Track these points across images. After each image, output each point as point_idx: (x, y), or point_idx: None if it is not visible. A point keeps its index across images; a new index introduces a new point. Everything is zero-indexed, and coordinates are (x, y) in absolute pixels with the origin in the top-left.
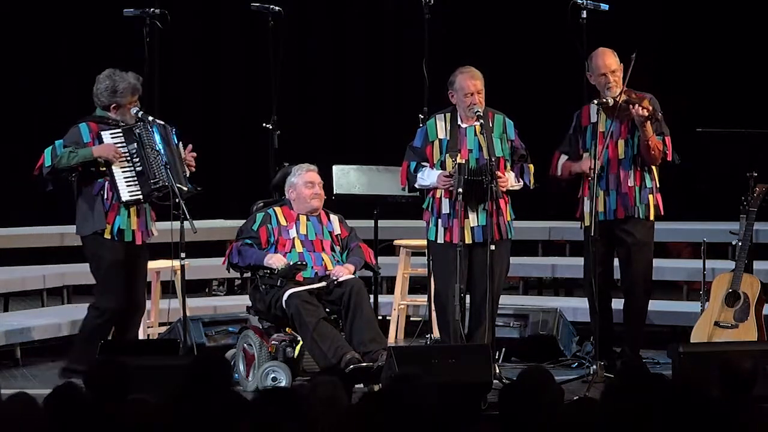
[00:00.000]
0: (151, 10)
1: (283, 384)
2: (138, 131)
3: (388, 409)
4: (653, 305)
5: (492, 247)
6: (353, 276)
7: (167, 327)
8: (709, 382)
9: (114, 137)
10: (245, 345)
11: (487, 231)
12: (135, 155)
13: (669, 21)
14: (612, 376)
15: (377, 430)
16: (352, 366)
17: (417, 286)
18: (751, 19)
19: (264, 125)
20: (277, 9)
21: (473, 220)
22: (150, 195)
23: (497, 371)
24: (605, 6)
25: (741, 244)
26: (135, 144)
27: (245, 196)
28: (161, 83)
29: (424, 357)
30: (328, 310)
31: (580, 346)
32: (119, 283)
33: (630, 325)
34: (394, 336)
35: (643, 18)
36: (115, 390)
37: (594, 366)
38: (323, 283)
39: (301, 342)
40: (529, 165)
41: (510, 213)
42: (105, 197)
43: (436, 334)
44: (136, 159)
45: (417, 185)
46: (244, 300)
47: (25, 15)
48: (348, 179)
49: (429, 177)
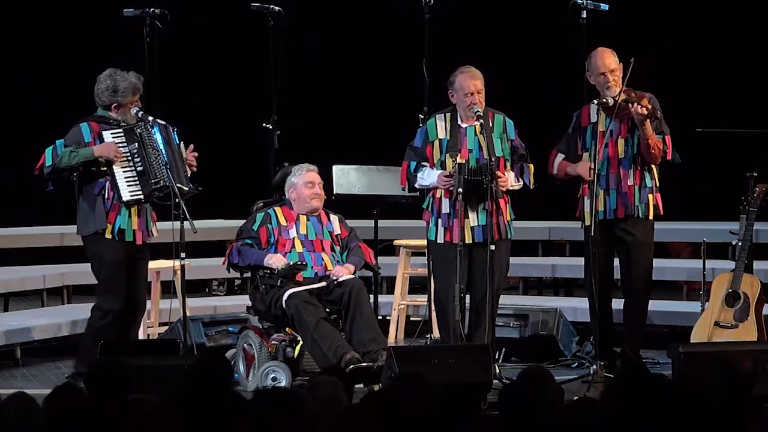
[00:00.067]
0: (151, 10)
1: (283, 384)
2: (139, 131)
3: (388, 410)
4: (653, 305)
5: (492, 247)
6: (353, 276)
7: (167, 327)
8: (709, 382)
9: (115, 137)
10: (245, 345)
11: (487, 231)
12: (136, 155)
13: (669, 21)
14: (612, 376)
15: (377, 430)
16: (352, 366)
17: (417, 286)
18: (751, 19)
19: (264, 125)
20: (277, 9)
21: (473, 219)
22: (151, 195)
23: (497, 371)
24: (605, 6)
25: (741, 244)
26: (136, 144)
27: (245, 196)
28: (161, 83)
29: (424, 357)
30: (328, 310)
31: (580, 346)
32: (121, 283)
33: (630, 325)
34: (394, 336)
35: (643, 18)
36: (116, 390)
37: (594, 366)
38: (323, 283)
39: (301, 342)
40: (529, 165)
41: (510, 213)
42: (106, 197)
43: (436, 334)
44: (137, 159)
45: (417, 185)
46: (244, 300)
47: (25, 15)
48: (348, 179)
49: (429, 177)
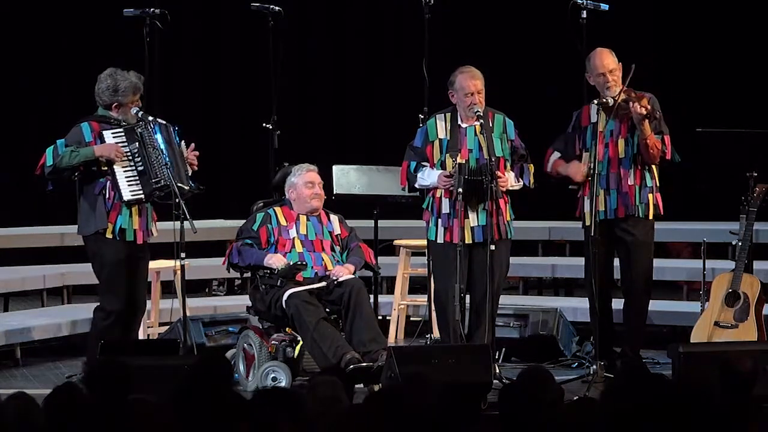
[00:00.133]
0: (151, 10)
1: (283, 384)
2: (140, 130)
3: (388, 410)
4: (653, 305)
5: (492, 247)
6: (353, 276)
7: (167, 327)
8: (709, 382)
9: (116, 136)
10: (245, 345)
11: (487, 231)
12: (137, 155)
13: (669, 21)
14: (612, 376)
15: (377, 430)
16: (352, 366)
17: (417, 286)
18: (751, 19)
19: (264, 125)
20: (277, 9)
21: (473, 220)
22: (152, 194)
23: (497, 371)
24: (605, 6)
25: (741, 244)
26: (137, 143)
27: (245, 196)
28: (161, 83)
29: (424, 357)
30: (328, 310)
31: (580, 346)
32: (122, 283)
33: (630, 325)
34: (394, 336)
35: (643, 18)
36: (116, 390)
37: (594, 366)
38: (323, 283)
39: (301, 342)
40: (529, 165)
41: (510, 213)
42: (107, 197)
43: (436, 334)
44: (137, 158)
45: (417, 185)
46: (244, 300)
47: (25, 15)
48: (348, 179)
49: (429, 177)
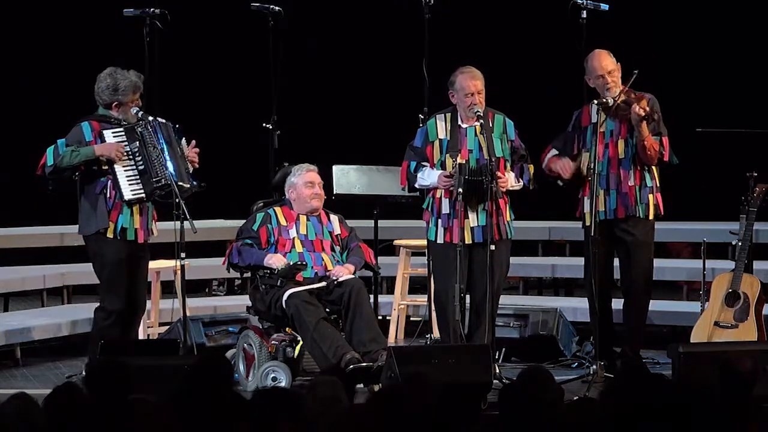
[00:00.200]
0: (151, 10)
1: (283, 384)
2: (140, 130)
3: (388, 410)
4: (653, 305)
5: (492, 247)
6: (353, 276)
7: (167, 327)
8: (709, 382)
9: (116, 136)
10: (245, 345)
11: (487, 231)
12: (137, 154)
13: (669, 21)
14: (612, 376)
15: (377, 430)
16: (352, 366)
17: (417, 286)
18: (751, 19)
19: (264, 125)
20: (277, 9)
21: (473, 220)
22: (152, 194)
23: (497, 371)
24: (605, 6)
25: (741, 244)
26: (137, 143)
27: (245, 196)
28: (161, 83)
29: (424, 357)
30: (328, 310)
31: (580, 346)
32: (122, 283)
33: (630, 325)
34: (394, 336)
35: (643, 18)
36: (116, 390)
37: (594, 366)
38: (323, 283)
39: (301, 342)
40: (529, 165)
41: (510, 213)
42: (108, 196)
43: (436, 334)
44: (138, 158)
45: (417, 185)
46: (244, 300)
47: (25, 15)
48: (348, 179)
49: (429, 177)
